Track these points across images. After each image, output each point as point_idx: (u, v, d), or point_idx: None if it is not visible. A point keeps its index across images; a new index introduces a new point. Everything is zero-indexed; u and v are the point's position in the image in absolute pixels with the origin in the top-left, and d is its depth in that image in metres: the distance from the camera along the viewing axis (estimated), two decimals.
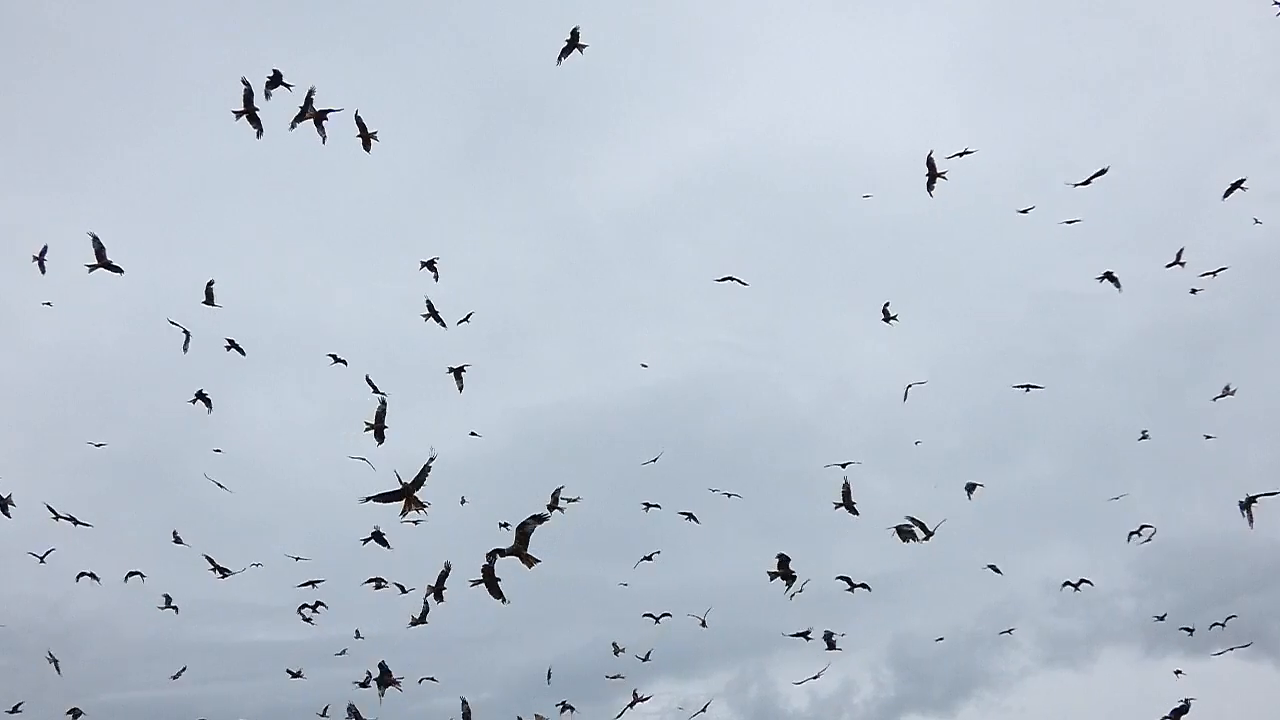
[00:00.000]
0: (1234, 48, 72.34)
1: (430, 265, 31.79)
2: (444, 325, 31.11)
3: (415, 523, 17.82)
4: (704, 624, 32.68)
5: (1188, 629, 33.44)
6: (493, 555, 17.44)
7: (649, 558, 33.18)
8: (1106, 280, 31.48)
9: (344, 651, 36.38)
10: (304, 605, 33.98)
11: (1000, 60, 78.92)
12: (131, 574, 33.10)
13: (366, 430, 24.73)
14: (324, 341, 68.44)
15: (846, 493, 26.18)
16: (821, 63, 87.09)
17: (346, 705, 29.66)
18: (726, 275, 31.62)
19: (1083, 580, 34.34)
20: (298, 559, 34.92)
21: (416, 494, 17.26)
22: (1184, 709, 28.44)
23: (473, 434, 35.05)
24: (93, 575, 32.88)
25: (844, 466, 30.61)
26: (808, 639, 31.26)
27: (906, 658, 56.04)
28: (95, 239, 25.75)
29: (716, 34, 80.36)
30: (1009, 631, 44.79)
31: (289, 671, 35.63)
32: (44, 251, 28.44)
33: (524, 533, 17.37)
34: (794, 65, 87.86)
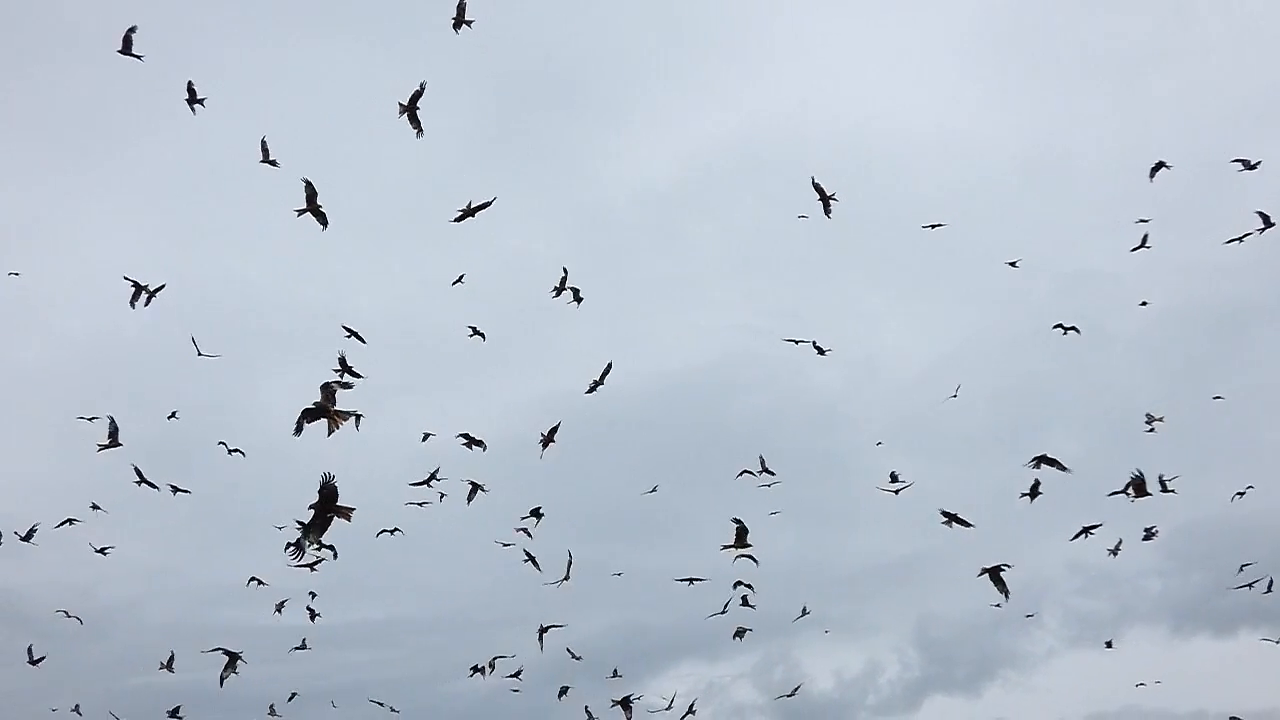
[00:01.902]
0: (1260, 26, 71.70)
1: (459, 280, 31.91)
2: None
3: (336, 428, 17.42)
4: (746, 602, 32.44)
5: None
6: (302, 416, 16.93)
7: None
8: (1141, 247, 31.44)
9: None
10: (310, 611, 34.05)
11: (1022, 40, 78.41)
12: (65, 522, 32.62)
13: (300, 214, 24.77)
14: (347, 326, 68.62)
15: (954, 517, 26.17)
16: (844, 44, 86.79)
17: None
18: None
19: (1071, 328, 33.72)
20: (321, 546, 34.93)
21: (336, 409, 16.98)
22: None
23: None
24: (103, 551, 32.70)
25: (896, 493, 30.68)
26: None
27: (931, 638, 56.02)
28: (308, 184, 25.71)
29: (739, 17, 79.99)
30: (1030, 616, 44.62)
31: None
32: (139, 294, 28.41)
33: (329, 392, 16.88)
34: (817, 47, 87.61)
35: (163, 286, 28.27)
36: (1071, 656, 56.23)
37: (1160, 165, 31.82)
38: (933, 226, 33.94)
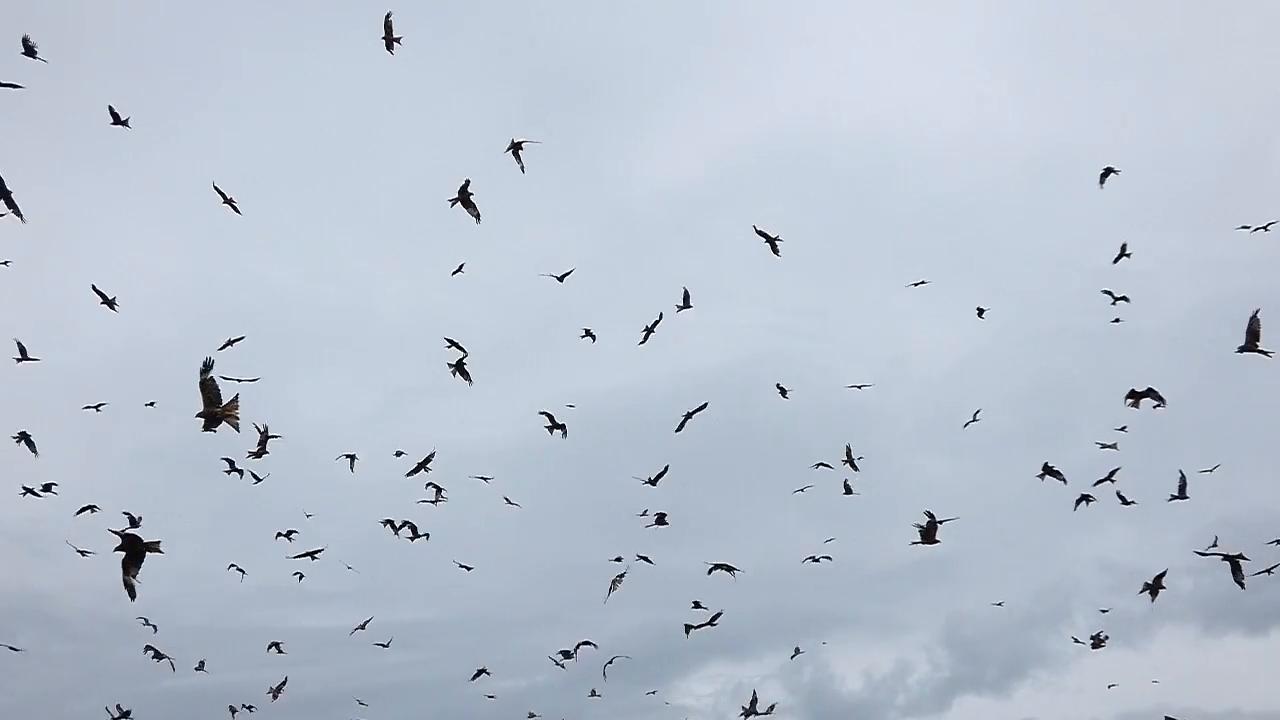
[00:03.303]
0: None
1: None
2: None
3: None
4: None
5: None
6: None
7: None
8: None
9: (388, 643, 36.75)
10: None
11: (1048, 35, 78.02)
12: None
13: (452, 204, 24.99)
14: (374, 329, 68.96)
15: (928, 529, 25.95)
16: (869, 42, 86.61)
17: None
18: None
19: (1121, 298, 32.72)
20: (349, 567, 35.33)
21: (225, 407, 16.96)
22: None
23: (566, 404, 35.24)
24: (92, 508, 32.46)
25: (941, 521, 30.63)
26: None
27: (961, 638, 55.78)
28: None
29: (764, 16, 79.91)
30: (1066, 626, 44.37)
31: None
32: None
33: (209, 393, 16.70)
34: (842, 45, 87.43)
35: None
36: (1102, 656, 55.88)
37: (1109, 171, 31.46)
38: (917, 284, 33.83)
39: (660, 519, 31.97)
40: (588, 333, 33.30)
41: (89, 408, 30.17)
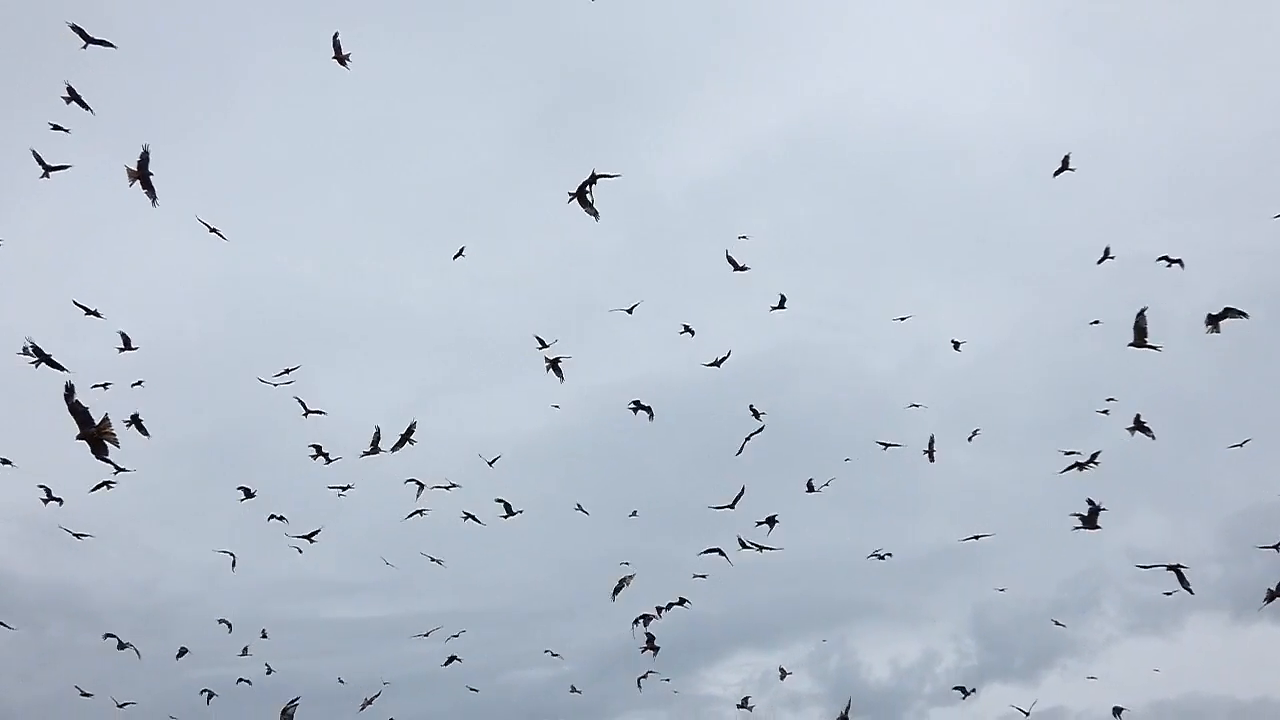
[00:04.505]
0: None
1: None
2: None
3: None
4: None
5: None
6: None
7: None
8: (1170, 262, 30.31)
9: (429, 633, 36.95)
10: None
11: (1074, 24, 77.53)
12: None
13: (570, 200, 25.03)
14: (399, 325, 69.15)
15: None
16: (895, 32, 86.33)
17: None
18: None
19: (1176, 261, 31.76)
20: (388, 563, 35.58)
21: (100, 427, 17.06)
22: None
23: (555, 406, 35.46)
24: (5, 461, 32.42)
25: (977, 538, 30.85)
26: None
27: (989, 627, 55.70)
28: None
29: (789, 7, 79.74)
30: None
31: None
32: None
33: (79, 416, 16.71)
34: (867, 35, 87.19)
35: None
36: (1131, 644, 55.75)
37: (1065, 166, 31.18)
38: (886, 446, 34.05)
39: (650, 640, 32.25)
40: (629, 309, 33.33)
41: (98, 386, 30.50)
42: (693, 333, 34.12)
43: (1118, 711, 35.52)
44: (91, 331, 29.03)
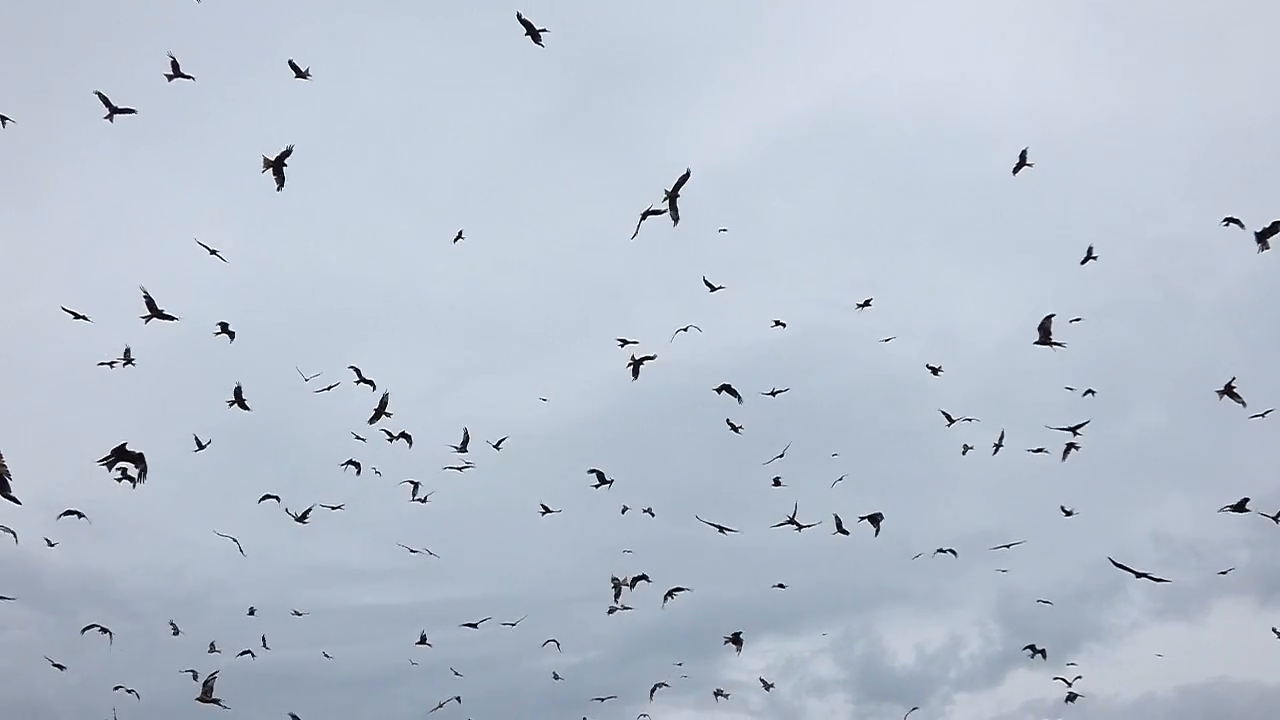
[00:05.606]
0: None
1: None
2: None
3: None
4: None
5: None
6: None
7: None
8: (1233, 224, 29.56)
9: (477, 624, 37.16)
10: None
11: (1100, 5, 77.02)
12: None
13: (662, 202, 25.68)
14: (425, 310, 69.34)
15: None
16: (917, 13, 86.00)
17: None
18: None
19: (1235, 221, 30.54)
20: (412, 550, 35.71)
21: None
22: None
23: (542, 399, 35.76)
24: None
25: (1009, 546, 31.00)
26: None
27: (1014, 612, 55.59)
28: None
29: None
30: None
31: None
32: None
33: None
34: (889, 17, 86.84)
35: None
36: (1157, 629, 55.61)
37: (1022, 163, 31.08)
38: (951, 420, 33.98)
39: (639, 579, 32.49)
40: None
41: (104, 364, 30.70)
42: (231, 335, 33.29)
43: None
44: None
